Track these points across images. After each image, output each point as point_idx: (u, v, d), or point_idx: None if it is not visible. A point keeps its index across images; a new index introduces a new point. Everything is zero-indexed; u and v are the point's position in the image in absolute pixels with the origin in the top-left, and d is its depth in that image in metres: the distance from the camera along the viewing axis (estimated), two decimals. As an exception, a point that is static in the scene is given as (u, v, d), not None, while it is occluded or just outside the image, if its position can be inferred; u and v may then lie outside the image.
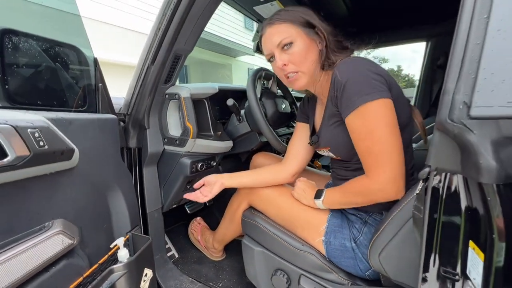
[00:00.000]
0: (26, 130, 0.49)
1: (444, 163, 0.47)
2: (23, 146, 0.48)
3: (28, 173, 0.51)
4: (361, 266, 0.73)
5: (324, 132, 0.78)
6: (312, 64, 0.74)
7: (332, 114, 0.73)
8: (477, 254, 0.44)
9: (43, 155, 0.52)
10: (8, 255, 0.47)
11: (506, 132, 0.39)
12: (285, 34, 0.73)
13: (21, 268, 0.49)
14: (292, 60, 0.74)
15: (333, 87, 0.68)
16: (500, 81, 0.39)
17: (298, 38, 0.73)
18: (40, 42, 0.68)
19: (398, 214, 0.63)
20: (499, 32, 0.39)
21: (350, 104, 0.64)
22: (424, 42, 1.80)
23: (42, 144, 0.52)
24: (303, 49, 0.73)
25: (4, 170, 0.46)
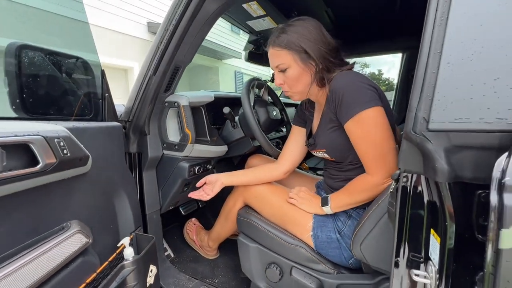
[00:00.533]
0: (53, 140, 0.55)
1: (410, 166, 0.57)
2: (51, 154, 0.54)
3: (52, 178, 0.57)
4: (345, 254, 0.83)
5: (321, 136, 0.88)
6: (305, 86, 0.85)
7: (329, 121, 0.83)
8: (436, 239, 0.55)
9: (66, 162, 0.58)
10: (37, 253, 0.53)
11: (455, 141, 0.50)
12: (282, 60, 0.83)
13: (48, 264, 0.55)
14: (287, 82, 0.86)
15: (331, 97, 0.78)
16: (450, 102, 0.50)
17: (293, 64, 0.82)
18: (53, 56, 0.73)
19: (376, 210, 0.74)
20: (448, 65, 0.50)
21: (349, 112, 0.74)
22: (400, 53, 1.96)
23: (65, 152, 0.57)
24: (296, 75, 0.83)
25: (36, 176, 0.52)
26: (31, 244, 0.55)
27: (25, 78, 0.67)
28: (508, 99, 0.45)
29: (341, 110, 0.76)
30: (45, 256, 0.54)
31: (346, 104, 0.74)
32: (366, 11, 1.43)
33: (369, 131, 0.74)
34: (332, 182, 0.94)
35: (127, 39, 5.86)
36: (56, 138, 0.55)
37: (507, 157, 0.42)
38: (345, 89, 0.75)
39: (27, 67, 0.68)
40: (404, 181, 0.60)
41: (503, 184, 0.41)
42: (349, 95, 0.74)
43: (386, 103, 0.78)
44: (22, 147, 0.49)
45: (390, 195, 0.69)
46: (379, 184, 0.76)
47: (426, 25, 0.53)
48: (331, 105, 0.79)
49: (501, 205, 0.40)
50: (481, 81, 0.47)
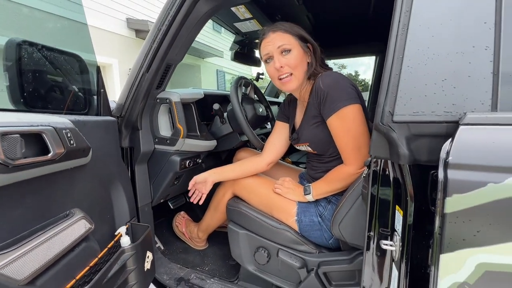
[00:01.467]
0: (62, 131, 0.59)
1: (379, 153, 0.68)
2: (60, 144, 0.58)
3: (60, 167, 0.61)
4: (326, 235, 0.94)
5: (304, 131, 0.97)
6: (303, 72, 0.92)
7: (313, 116, 0.92)
8: (399, 213, 0.66)
9: (72, 151, 0.62)
10: (48, 235, 0.57)
11: (413, 131, 0.61)
12: (286, 41, 0.89)
13: (58, 246, 0.59)
14: (288, 64, 0.90)
15: (316, 94, 0.87)
16: (409, 99, 0.61)
17: (296, 47, 0.89)
18: (52, 52, 0.76)
19: (352, 193, 0.84)
20: (408, 68, 0.61)
21: (333, 108, 0.83)
22: (373, 56, 2.12)
23: (72, 142, 0.62)
24: (298, 57, 0.90)
25: (47, 163, 0.56)
26: (41, 228, 0.59)
27: (25, 73, 0.69)
28: (453, 96, 0.57)
29: (325, 106, 0.85)
30: (55, 238, 0.58)
31: (330, 100, 0.84)
32: (343, 17, 1.55)
33: (350, 125, 0.84)
34: (314, 173, 1.04)
35: (105, 35, 5.67)
36: (64, 129, 0.59)
37: (450, 142, 0.53)
38: (330, 87, 0.84)
39: (27, 62, 0.70)
40: (374, 166, 0.70)
41: (447, 163, 0.52)
42: (333, 92, 0.83)
43: (363, 101, 0.89)
44: (35, 136, 0.53)
45: (364, 180, 0.80)
46: (354, 173, 0.87)
47: (391, 34, 0.64)
48: (315, 102, 0.88)
49: (445, 179, 0.51)
50: (432, 81, 0.58)
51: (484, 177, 0.49)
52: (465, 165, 0.50)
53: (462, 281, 0.51)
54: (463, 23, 0.57)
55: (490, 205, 0.48)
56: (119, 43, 5.98)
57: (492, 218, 0.48)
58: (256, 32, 1.56)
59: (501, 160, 0.48)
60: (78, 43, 0.82)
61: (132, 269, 0.78)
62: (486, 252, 0.49)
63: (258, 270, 1.07)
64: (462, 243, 0.51)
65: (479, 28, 0.56)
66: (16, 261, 0.47)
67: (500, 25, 0.54)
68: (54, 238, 0.59)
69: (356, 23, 1.71)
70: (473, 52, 0.56)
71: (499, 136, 0.50)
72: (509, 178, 0.47)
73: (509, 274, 0.48)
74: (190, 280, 1.14)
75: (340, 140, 0.87)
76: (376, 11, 1.43)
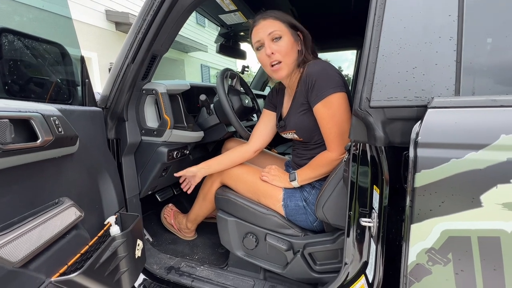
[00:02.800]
0: (50, 118, 0.59)
1: (358, 137, 0.73)
2: (49, 131, 0.58)
3: (48, 154, 0.61)
4: (311, 219, 0.99)
5: (292, 118, 1.00)
6: (293, 60, 0.94)
7: (300, 104, 0.96)
8: (376, 191, 0.72)
9: (61, 139, 0.62)
10: (39, 221, 0.58)
11: (388, 115, 0.66)
12: (277, 28, 0.90)
13: (48, 232, 0.60)
14: (279, 51, 0.91)
15: (304, 82, 0.90)
16: (384, 86, 0.66)
17: (286, 34, 0.91)
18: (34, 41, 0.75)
19: (334, 177, 0.90)
20: (383, 57, 0.66)
21: (320, 95, 0.87)
22: (355, 50, 2.20)
23: (60, 130, 0.62)
24: (288, 44, 0.91)
25: (35, 150, 0.56)
26: (30, 215, 0.59)
27: (6, 61, 0.68)
28: (422, 82, 0.63)
29: (312, 93, 0.89)
30: (46, 224, 0.59)
31: (317, 88, 0.87)
32: (327, 11, 1.60)
33: (334, 112, 0.88)
34: (299, 160, 1.08)
35: (83, 27, 5.43)
36: (52, 117, 0.60)
37: (419, 124, 0.58)
38: (318, 75, 0.87)
39: (7, 50, 0.69)
40: (354, 150, 0.76)
41: (417, 142, 0.57)
42: (321, 80, 0.87)
43: (348, 90, 0.93)
44: (23, 122, 0.53)
45: (344, 164, 0.85)
46: (337, 159, 0.92)
47: (368, 25, 0.68)
48: (303, 89, 0.91)
49: (415, 157, 0.57)
50: (404, 69, 0.64)
51: (447, 154, 0.54)
52: (432, 144, 0.56)
53: (429, 247, 0.57)
54: (431, 15, 0.62)
55: (453, 178, 0.54)
56: (98, 36, 5.76)
57: (454, 190, 0.54)
58: (241, 25, 1.58)
59: (462, 138, 0.54)
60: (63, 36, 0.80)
61: (123, 256, 0.80)
62: (449, 220, 0.55)
63: (247, 255, 1.11)
64: (429, 213, 0.57)
65: (445, 20, 0.61)
66: (10, 244, 0.48)
67: (462, 18, 0.60)
68: (45, 224, 0.59)
69: (339, 17, 1.76)
70: (439, 42, 0.61)
71: (461, 117, 0.56)
72: (468, 153, 0.53)
73: (467, 238, 0.54)
74: (180, 269, 1.17)
75: (324, 126, 0.91)
76: (358, 6, 1.49)
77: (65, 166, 0.72)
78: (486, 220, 0.52)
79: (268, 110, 1.17)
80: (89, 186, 0.84)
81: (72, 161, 0.75)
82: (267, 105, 1.18)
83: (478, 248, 0.53)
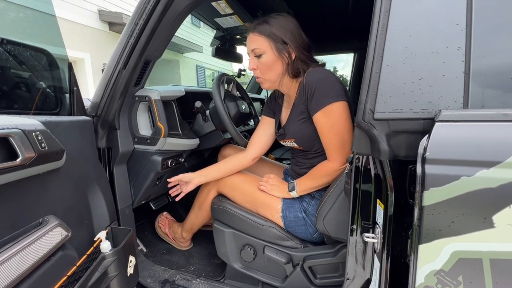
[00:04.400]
0: (32, 134, 0.54)
1: (361, 149, 0.70)
2: (30, 148, 0.54)
3: (30, 172, 0.57)
4: (310, 230, 0.96)
5: (291, 127, 0.97)
6: (276, 75, 0.92)
7: (300, 112, 0.93)
8: (380, 206, 0.69)
9: (44, 155, 0.58)
10: (20, 246, 0.53)
11: (393, 128, 0.63)
12: (259, 45, 0.89)
13: (31, 258, 0.55)
14: (260, 67, 0.92)
15: (304, 90, 0.87)
16: (389, 97, 0.63)
17: (268, 51, 0.89)
18: (16, 47, 0.70)
19: (335, 189, 0.87)
20: (388, 67, 0.63)
21: (319, 104, 0.84)
22: (352, 53, 2.18)
23: (43, 145, 0.57)
24: (269, 62, 0.90)
25: (15, 169, 0.51)
26: (10, 239, 0.54)
27: (-14, 70, 0.63)
28: (429, 94, 0.60)
29: (312, 101, 0.86)
30: (28, 250, 0.54)
31: (317, 96, 0.84)
32: (324, 14, 1.58)
33: (335, 122, 0.85)
34: (298, 169, 1.05)
35: (76, 27, 5.32)
36: (33, 132, 0.55)
37: (427, 138, 0.56)
38: (318, 83, 0.85)
39: (-12, 58, 0.64)
40: (356, 162, 0.73)
41: (425, 158, 0.54)
42: (321, 88, 0.84)
43: (349, 98, 0.90)
44: (1, 140, 0.49)
45: (346, 175, 0.82)
46: (337, 170, 0.89)
47: (371, 33, 0.65)
48: (303, 97, 0.88)
49: (423, 173, 0.54)
50: (410, 80, 0.61)
51: (457, 171, 0.52)
52: (441, 160, 0.53)
53: (439, 269, 0.54)
54: (438, 24, 0.59)
55: (463, 197, 0.51)
56: (91, 36, 5.65)
57: (464, 209, 0.51)
58: (237, 28, 1.54)
59: (472, 155, 0.51)
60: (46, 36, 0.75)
61: (114, 275, 0.75)
62: (459, 241, 0.52)
63: (245, 268, 1.07)
64: (439, 233, 0.54)
65: (452, 29, 0.58)
66: (-16, 277, 0.44)
67: (470, 27, 0.57)
68: (27, 249, 0.55)
69: (336, 20, 1.74)
70: (447, 52, 0.59)
71: (471, 132, 0.53)
72: (479, 171, 0.50)
73: (479, 260, 0.51)
74: (175, 282, 1.12)
75: (324, 136, 0.88)
76: (355, 9, 1.46)
77: (51, 182, 0.68)
78: (499, 241, 0.49)
79: (266, 117, 1.14)
80: (78, 200, 0.80)
81: (59, 176, 0.70)
82: (266, 111, 1.14)
83: (490, 271, 0.51)
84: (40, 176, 0.63)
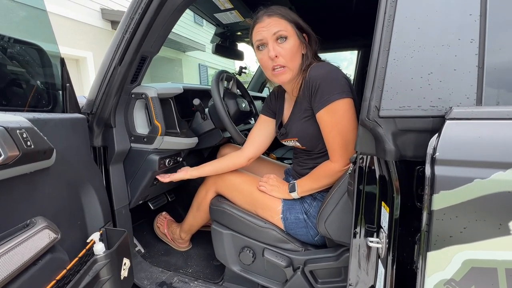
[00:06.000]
0: (15, 131, 0.51)
1: (365, 149, 0.66)
2: (14, 146, 0.51)
3: (15, 172, 0.54)
4: (312, 233, 0.92)
5: (294, 125, 0.92)
6: (297, 64, 0.85)
7: (303, 110, 0.87)
8: (385, 209, 0.65)
9: (30, 154, 0.55)
10: (2, 250, 0.50)
11: (399, 126, 0.59)
12: (283, 28, 0.81)
13: (15, 262, 0.52)
14: (283, 54, 0.81)
15: (307, 86, 0.81)
16: (395, 93, 0.59)
17: (293, 35, 0.82)
18: (5, 41, 0.67)
19: (338, 190, 0.83)
20: (394, 61, 0.59)
21: (323, 101, 0.79)
22: (356, 51, 2.13)
23: (29, 144, 0.54)
24: (294, 47, 0.82)
25: (-3, 169, 0.49)
26: (-6, 242, 0.52)
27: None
28: (439, 90, 0.56)
29: (315, 98, 0.80)
30: (13, 252, 0.52)
31: (321, 93, 0.79)
32: (327, 10, 1.53)
33: (339, 120, 0.80)
34: (301, 169, 1.01)
35: (78, 26, 5.32)
36: (18, 129, 0.52)
37: (437, 137, 0.51)
38: (322, 79, 0.79)
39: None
40: (360, 162, 0.69)
41: (434, 159, 0.50)
42: (325, 84, 0.78)
43: (354, 94, 0.84)
44: (-19, 138, 0.46)
45: (349, 176, 0.78)
46: (340, 171, 0.85)
47: (377, 25, 0.61)
48: (306, 94, 0.83)
49: (433, 175, 0.50)
50: (418, 75, 0.57)
51: (470, 173, 0.48)
52: (452, 161, 0.49)
53: (449, 278, 0.50)
54: (449, 15, 0.55)
55: (477, 201, 0.47)
56: (94, 35, 5.65)
57: (478, 214, 0.47)
58: (238, 24, 1.50)
59: (486, 156, 0.47)
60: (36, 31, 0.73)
61: (106, 279, 0.73)
62: (472, 249, 0.48)
63: (244, 271, 1.04)
64: (449, 240, 0.50)
65: (465, 20, 0.54)
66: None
67: (485, 17, 0.53)
68: (10, 253, 0.52)
69: (340, 17, 1.70)
70: (458, 45, 0.54)
71: (485, 131, 0.49)
72: (494, 173, 0.46)
73: (493, 270, 0.47)
74: (173, 284, 1.09)
75: (327, 135, 0.84)
76: (360, 5, 1.42)
77: (40, 182, 0.65)
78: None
79: (265, 116, 1.09)
80: (70, 201, 0.77)
81: (48, 175, 0.68)
82: (265, 110, 1.10)
83: (505, 281, 0.47)
84: (27, 175, 0.60)
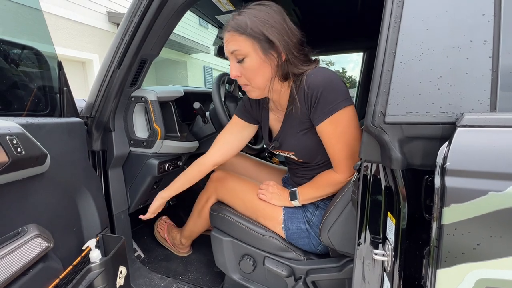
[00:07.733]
0: (5, 137, 0.50)
1: (370, 156, 0.63)
2: (3, 153, 0.49)
3: (5, 179, 0.52)
4: (314, 242, 0.88)
5: (289, 139, 0.86)
6: (264, 80, 0.76)
7: (297, 123, 0.81)
8: (392, 220, 0.61)
9: (20, 161, 0.53)
10: (-10, 260, 0.49)
11: (406, 133, 0.56)
12: (239, 46, 0.71)
13: (3, 272, 0.50)
14: (244, 73, 0.75)
15: (305, 97, 0.73)
16: (402, 98, 0.56)
17: (252, 53, 0.71)
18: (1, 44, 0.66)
19: (341, 199, 0.79)
20: (401, 64, 0.56)
21: (327, 111, 0.72)
22: (361, 52, 2.09)
23: (19, 150, 0.53)
24: (255, 66, 0.72)
25: (-15, 176, 0.47)
26: (-18, 252, 0.50)
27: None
28: (449, 95, 0.52)
29: (316, 110, 0.73)
30: (0, 263, 0.50)
31: (323, 102, 0.72)
32: (331, 12, 1.50)
33: (344, 130, 0.74)
34: (299, 179, 0.96)
35: (85, 29, 5.39)
36: (7, 135, 0.50)
37: (447, 146, 0.48)
38: (324, 87, 0.71)
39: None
40: (364, 170, 0.65)
41: (444, 169, 0.47)
42: (327, 93, 0.71)
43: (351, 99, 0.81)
44: (-33, 145, 0.44)
45: (353, 184, 0.74)
46: (345, 181, 0.81)
47: (382, 27, 0.58)
48: (304, 104, 0.75)
49: (443, 186, 0.47)
50: (427, 79, 0.53)
51: (484, 185, 0.44)
52: (464, 172, 0.46)
53: (461, 298, 0.47)
54: (460, 15, 0.52)
55: (491, 216, 0.44)
56: (100, 38, 5.72)
57: (493, 230, 0.44)
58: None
59: (503, 166, 0.44)
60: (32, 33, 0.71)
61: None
62: (487, 267, 0.45)
63: (244, 279, 1.01)
64: (461, 257, 0.46)
65: (477, 20, 0.51)
66: None
67: (499, 17, 0.50)
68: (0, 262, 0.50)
69: (344, 18, 1.66)
70: (470, 47, 0.51)
71: (499, 140, 0.45)
72: (511, 186, 0.42)
73: (511, 291, 0.44)
74: (171, 292, 1.07)
75: (333, 147, 0.78)
76: (365, 6, 1.39)
77: (33, 189, 0.63)
78: (535, 270, 0.42)
79: (241, 120, 0.95)
80: (65, 207, 0.75)
81: (43, 181, 0.66)
82: (241, 113, 0.96)
83: (524, 303, 0.43)
84: (19, 182, 0.58)
